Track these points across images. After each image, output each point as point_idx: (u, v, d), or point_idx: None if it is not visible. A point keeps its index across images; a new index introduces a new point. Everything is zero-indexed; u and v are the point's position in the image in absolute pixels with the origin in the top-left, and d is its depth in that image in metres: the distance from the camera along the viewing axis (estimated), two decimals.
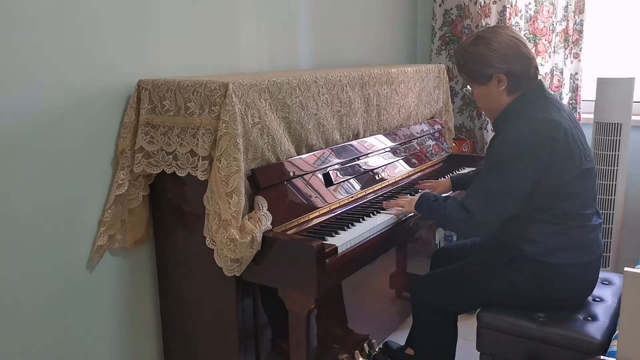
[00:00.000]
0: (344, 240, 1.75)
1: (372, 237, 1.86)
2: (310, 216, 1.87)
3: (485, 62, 1.78)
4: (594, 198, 1.83)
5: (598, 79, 2.79)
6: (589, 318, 1.78)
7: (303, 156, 1.96)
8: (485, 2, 3.09)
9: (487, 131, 3.21)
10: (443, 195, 2.03)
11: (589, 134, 2.48)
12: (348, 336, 2.30)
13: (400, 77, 2.55)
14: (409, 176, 2.46)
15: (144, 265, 1.98)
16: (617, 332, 1.64)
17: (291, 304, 1.71)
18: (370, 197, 2.16)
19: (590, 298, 1.88)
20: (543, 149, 1.68)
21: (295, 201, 1.85)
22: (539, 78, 1.85)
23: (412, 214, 2.04)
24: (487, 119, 3.17)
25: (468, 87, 1.95)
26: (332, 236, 1.77)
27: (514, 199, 1.73)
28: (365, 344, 2.31)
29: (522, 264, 1.80)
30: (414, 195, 2.08)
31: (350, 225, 1.87)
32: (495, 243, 1.92)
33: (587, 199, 1.79)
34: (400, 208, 2.00)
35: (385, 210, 2.03)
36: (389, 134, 2.49)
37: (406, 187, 2.36)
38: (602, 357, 1.56)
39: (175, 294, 1.97)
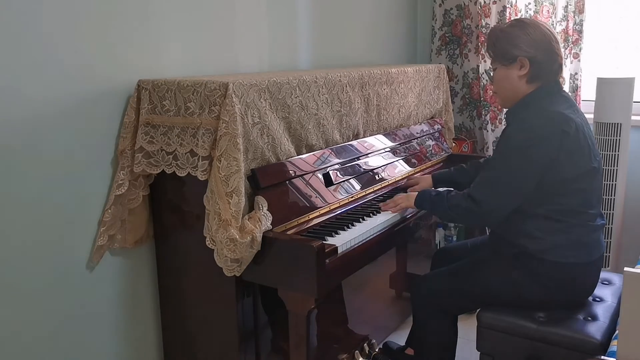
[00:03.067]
0: (344, 240, 1.75)
1: (372, 237, 1.86)
2: (310, 216, 1.87)
3: (515, 42, 1.81)
4: (598, 199, 1.84)
5: (598, 79, 2.79)
6: (589, 318, 1.78)
7: (303, 156, 1.95)
8: (485, 2, 3.09)
9: (487, 131, 3.21)
10: (445, 189, 2.03)
11: None
12: (348, 336, 2.30)
13: (400, 77, 2.55)
14: (408, 176, 2.45)
15: (144, 265, 1.98)
16: (617, 332, 1.64)
17: (291, 304, 1.71)
18: (370, 197, 2.16)
19: (590, 298, 1.88)
20: (553, 139, 1.69)
21: (295, 201, 1.85)
22: (559, 78, 1.87)
23: (413, 211, 2.05)
24: (487, 119, 3.18)
25: (490, 66, 2.00)
26: (332, 236, 1.77)
27: (521, 187, 1.73)
28: (365, 344, 2.31)
29: (523, 262, 1.80)
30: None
31: (350, 225, 1.87)
32: (496, 242, 1.92)
33: (592, 199, 1.80)
34: (399, 204, 2.00)
35: (384, 211, 2.03)
36: (389, 134, 2.49)
37: (406, 187, 2.36)
38: (602, 357, 1.56)
39: (175, 294, 1.97)
